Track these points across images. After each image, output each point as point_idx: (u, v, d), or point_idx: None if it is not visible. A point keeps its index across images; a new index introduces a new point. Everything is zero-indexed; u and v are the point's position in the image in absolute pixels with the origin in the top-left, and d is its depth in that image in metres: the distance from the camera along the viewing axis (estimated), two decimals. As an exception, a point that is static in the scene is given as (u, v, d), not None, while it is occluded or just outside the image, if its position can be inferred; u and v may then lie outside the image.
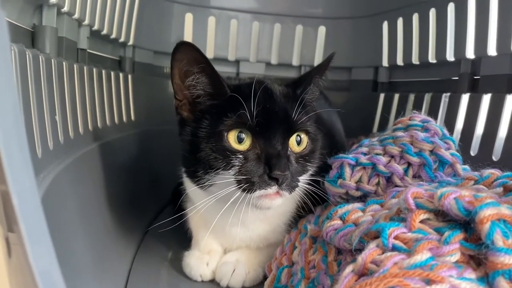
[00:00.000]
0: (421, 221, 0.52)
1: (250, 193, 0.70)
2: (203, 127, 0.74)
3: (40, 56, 0.65)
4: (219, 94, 0.74)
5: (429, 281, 0.42)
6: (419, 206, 0.53)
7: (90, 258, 0.71)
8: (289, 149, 0.74)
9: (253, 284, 0.81)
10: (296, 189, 0.75)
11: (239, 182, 0.70)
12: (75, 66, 0.83)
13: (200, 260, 0.84)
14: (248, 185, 0.70)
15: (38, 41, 0.72)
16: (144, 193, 1.18)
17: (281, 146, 0.72)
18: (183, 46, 0.72)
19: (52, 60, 0.71)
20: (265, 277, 0.79)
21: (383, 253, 0.49)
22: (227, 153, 0.71)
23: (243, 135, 0.72)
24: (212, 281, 0.83)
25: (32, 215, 0.28)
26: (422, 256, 0.45)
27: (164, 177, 1.17)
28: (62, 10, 0.78)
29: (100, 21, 0.99)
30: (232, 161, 0.71)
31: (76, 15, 0.84)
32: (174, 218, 0.88)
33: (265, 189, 0.70)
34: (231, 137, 0.72)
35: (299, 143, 0.76)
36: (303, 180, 0.77)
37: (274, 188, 0.70)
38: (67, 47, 0.82)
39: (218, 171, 0.71)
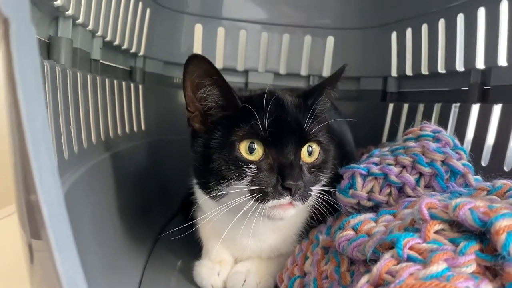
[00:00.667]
0: (436, 232, 0.52)
1: (263, 203, 0.70)
2: (215, 138, 0.75)
3: (56, 67, 0.66)
4: (231, 105, 0.75)
5: (446, 292, 0.42)
6: (433, 217, 0.53)
7: (102, 267, 0.72)
8: (301, 159, 0.75)
9: (264, 294, 0.81)
10: (309, 199, 0.75)
11: (252, 192, 0.70)
12: (88, 76, 0.84)
13: (211, 270, 0.84)
14: (261, 195, 0.70)
15: (53, 52, 0.73)
16: (154, 202, 1.19)
17: (293, 156, 0.72)
18: (195, 59, 0.72)
19: (68, 71, 0.72)
20: (276, 287, 0.79)
21: (398, 263, 0.49)
22: (240, 163, 0.71)
23: (255, 145, 0.72)
24: (223, 290, 0.83)
25: (59, 225, 0.28)
26: (438, 266, 0.45)
27: (173, 186, 1.18)
28: (77, 21, 0.80)
29: (113, 32, 1.00)
30: (244, 171, 0.71)
31: (90, 27, 0.86)
32: (184, 227, 0.88)
33: (278, 199, 0.70)
34: (243, 148, 0.72)
35: (311, 153, 0.76)
36: (317, 190, 0.77)
37: (287, 198, 0.70)
38: (81, 58, 0.83)
39: (230, 181, 0.72)
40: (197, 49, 1.46)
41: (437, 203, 0.54)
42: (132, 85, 1.19)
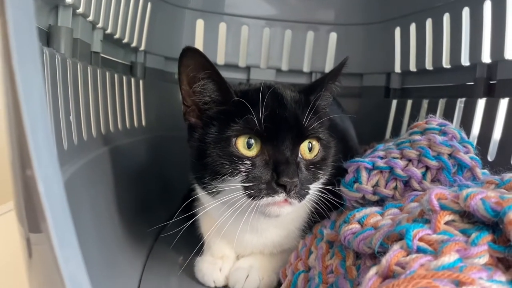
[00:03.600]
0: (446, 223, 0.50)
1: (257, 200, 0.68)
2: (211, 133, 0.73)
3: (56, 55, 0.64)
4: (227, 100, 0.73)
5: (458, 283, 0.41)
6: (443, 207, 0.51)
7: (100, 264, 0.70)
8: (300, 156, 0.73)
9: (267, 291, 0.80)
10: (308, 196, 0.73)
11: (245, 189, 0.69)
12: (89, 68, 0.83)
13: (213, 265, 0.82)
14: (254, 191, 0.68)
15: (53, 41, 0.72)
16: (155, 198, 1.17)
17: (290, 152, 0.70)
18: (189, 52, 0.71)
19: (68, 61, 0.70)
20: (279, 283, 0.78)
21: (407, 255, 0.47)
22: (234, 159, 0.70)
23: (252, 141, 0.71)
24: (225, 286, 0.81)
25: (59, 213, 0.27)
26: (450, 257, 0.44)
27: (175, 183, 1.16)
28: (77, 11, 0.78)
29: (113, 24, 0.99)
30: (239, 167, 0.70)
31: (91, 17, 0.84)
32: (185, 223, 0.87)
33: (273, 196, 0.68)
34: (240, 143, 0.71)
35: (310, 150, 0.75)
36: (316, 187, 0.76)
37: (282, 196, 0.68)
38: (81, 49, 0.82)
39: (224, 177, 0.70)
40: (199, 45, 1.45)
41: (447, 194, 0.53)
42: (133, 80, 1.18)
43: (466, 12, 1.06)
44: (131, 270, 0.82)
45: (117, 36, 1.04)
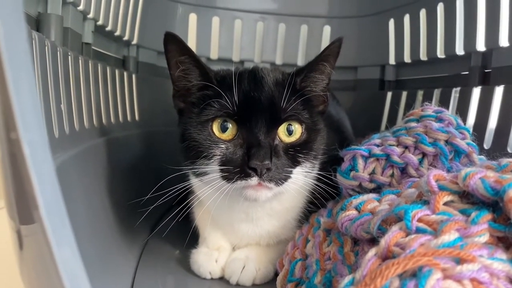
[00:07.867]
0: (445, 204, 0.50)
1: (231, 183, 0.69)
2: (192, 117, 0.75)
3: (46, 41, 0.63)
4: (206, 84, 0.74)
5: (459, 261, 0.40)
6: (442, 188, 0.50)
7: (95, 255, 0.68)
8: (278, 139, 0.72)
9: (264, 282, 0.78)
10: (300, 184, 0.73)
11: (221, 171, 0.70)
12: (80, 58, 0.81)
13: (209, 257, 0.81)
14: (228, 174, 0.69)
15: (43, 29, 0.70)
16: (149, 192, 1.15)
17: (264, 135, 0.70)
18: (169, 37, 0.72)
19: (58, 48, 0.69)
20: (276, 274, 0.77)
21: (407, 235, 0.47)
22: (208, 143, 0.71)
23: (228, 125, 0.72)
24: (221, 278, 0.80)
25: (53, 209, 0.26)
26: (450, 236, 0.43)
27: (170, 178, 1.14)
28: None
29: (105, 16, 0.98)
30: (213, 151, 0.71)
31: (81, 7, 0.83)
32: (180, 217, 0.86)
33: (245, 180, 0.68)
34: (215, 126, 0.72)
35: (290, 133, 0.74)
36: (312, 175, 0.75)
37: (254, 179, 0.68)
38: (72, 39, 0.80)
39: (201, 160, 0.72)
40: (192, 39, 1.44)
41: (445, 175, 0.52)
42: (125, 73, 1.16)
43: (460, 0, 1.06)
44: (126, 262, 0.81)
45: (109, 28, 1.02)
